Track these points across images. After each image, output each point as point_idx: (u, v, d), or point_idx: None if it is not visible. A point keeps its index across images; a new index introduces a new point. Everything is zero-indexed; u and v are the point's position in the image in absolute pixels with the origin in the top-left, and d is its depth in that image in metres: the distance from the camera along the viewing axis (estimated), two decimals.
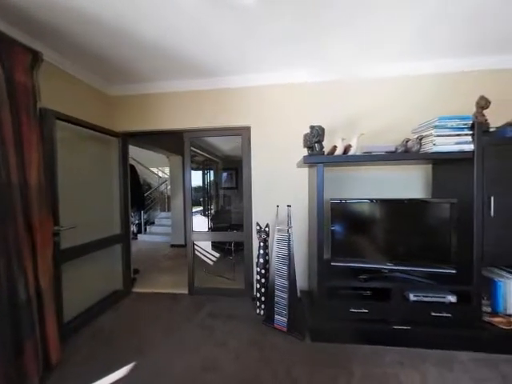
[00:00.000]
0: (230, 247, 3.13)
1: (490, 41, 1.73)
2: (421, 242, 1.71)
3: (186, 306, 2.20)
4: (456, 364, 1.44)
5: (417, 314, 1.62)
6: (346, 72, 2.09)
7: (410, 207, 1.75)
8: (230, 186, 5.13)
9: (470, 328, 1.56)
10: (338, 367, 1.43)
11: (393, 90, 2.08)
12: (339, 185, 2.12)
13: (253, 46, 1.75)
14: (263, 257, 2.03)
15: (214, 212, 4.93)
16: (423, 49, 1.83)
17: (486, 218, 1.54)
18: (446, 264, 1.63)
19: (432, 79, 2.02)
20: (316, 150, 1.73)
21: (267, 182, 2.25)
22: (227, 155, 4.99)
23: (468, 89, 1.92)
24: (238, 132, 2.34)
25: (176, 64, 1.98)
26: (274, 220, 2.15)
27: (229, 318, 1.98)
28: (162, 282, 2.75)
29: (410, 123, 1.88)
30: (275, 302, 1.86)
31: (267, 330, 1.81)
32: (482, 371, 1.38)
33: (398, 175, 2.07)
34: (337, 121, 2.11)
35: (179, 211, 4.36)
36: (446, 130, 1.58)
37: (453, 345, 1.55)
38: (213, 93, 2.28)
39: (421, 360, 1.47)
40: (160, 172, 6.76)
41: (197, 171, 4.83)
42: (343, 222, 1.79)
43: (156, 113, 2.36)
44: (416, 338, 1.58)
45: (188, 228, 2.46)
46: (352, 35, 1.64)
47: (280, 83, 2.20)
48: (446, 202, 1.65)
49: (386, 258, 1.73)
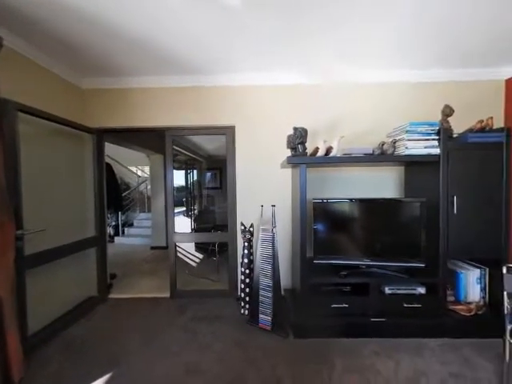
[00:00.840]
0: (214, 248, 3.09)
1: (453, 56, 1.92)
2: (395, 238, 1.83)
3: (168, 310, 2.12)
4: (425, 350, 1.56)
5: (391, 306, 1.74)
6: (328, 76, 2.18)
7: (385, 206, 1.86)
8: (213, 186, 5.06)
9: (436, 316, 1.70)
10: (321, 362, 1.48)
11: (371, 96, 2.20)
12: (321, 185, 2.20)
13: (238, 45, 1.74)
14: (247, 257, 2.03)
15: (197, 212, 4.82)
16: (397, 59, 1.97)
17: (450, 216, 1.69)
18: (416, 258, 1.76)
19: (405, 87, 2.18)
20: (299, 151, 1.78)
21: (252, 182, 2.26)
22: (211, 155, 4.91)
23: (436, 97, 2.10)
24: (222, 131, 2.32)
25: (158, 59, 1.91)
26: (259, 220, 2.16)
27: (213, 319, 1.95)
28: (141, 287, 2.62)
29: (386, 127, 2.01)
30: (259, 302, 1.87)
31: (252, 329, 1.81)
32: (447, 355, 1.52)
33: (375, 176, 2.20)
34: (319, 123, 2.18)
35: (160, 212, 4.20)
36: (416, 134, 1.72)
37: (423, 333, 1.69)
38: (197, 90, 2.24)
39: (395, 349, 1.58)
40: (139, 171, 6.46)
41: (179, 171, 4.69)
42: (325, 221, 1.85)
43: (135, 109, 2.25)
44: (391, 328, 1.69)
45: (170, 229, 2.38)
46: (334, 42, 1.72)
47: (265, 84, 2.22)
48: (416, 202, 1.79)
49: (364, 255, 1.83)
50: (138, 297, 2.38)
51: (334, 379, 1.35)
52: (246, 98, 2.24)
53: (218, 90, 2.24)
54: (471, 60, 1.99)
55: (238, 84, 2.23)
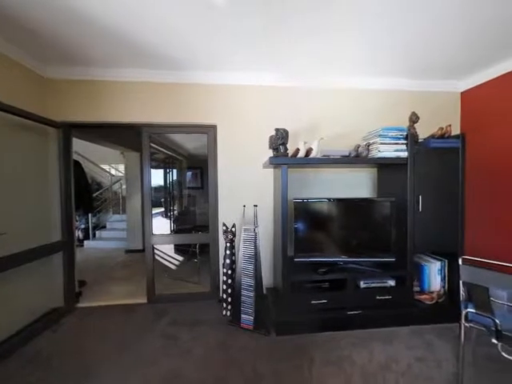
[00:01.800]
0: (195, 249, 3.01)
1: (419, 68, 2.11)
2: (369, 235, 1.95)
3: (145, 317, 2.02)
4: (395, 338, 1.69)
5: (366, 299, 1.85)
6: (309, 80, 2.25)
7: (360, 205, 1.98)
8: (194, 186, 4.92)
9: (405, 306, 1.85)
10: (301, 357, 1.52)
11: (347, 101, 2.32)
12: (301, 185, 2.26)
13: (220, 44, 1.72)
14: (230, 257, 2.01)
15: (177, 213, 4.65)
16: (370, 68, 2.10)
17: (416, 214, 1.85)
18: (387, 253, 1.90)
19: (377, 94, 2.34)
20: (281, 152, 1.81)
21: (234, 182, 2.24)
22: (192, 154, 4.78)
23: (404, 105, 2.29)
24: (203, 130, 2.27)
25: (135, 52, 1.80)
26: (241, 220, 2.16)
27: (194, 323, 1.90)
28: (115, 293, 2.46)
29: (361, 131, 2.14)
30: (241, 302, 1.87)
31: (234, 330, 1.80)
32: (413, 341, 1.66)
33: (351, 177, 2.32)
34: (299, 124, 2.24)
35: (136, 213, 3.98)
36: (387, 138, 1.85)
37: (393, 322, 1.82)
38: (177, 87, 2.16)
39: (369, 339, 1.68)
40: (113, 170, 6.04)
41: (157, 169, 4.48)
42: (305, 221, 1.91)
43: (108, 103, 2.10)
44: (365, 320, 1.80)
45: (147, 231, 2.27)
46: (312, 47, 1.78)
47: (247, 84, 2.22)
48: (386, 201, 1.93)
49: (341, 252, 1.93)
50: (111, 304, 2.22)
51: (314, 372, 1.40)
52: (228, 97, 2.22)
53: (200, 88, 2.19)
54: (434, 73, 2.21)
55: (219, 83, 2.19)
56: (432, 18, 1.49)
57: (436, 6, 1.39)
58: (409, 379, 1.35)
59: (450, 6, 1.38)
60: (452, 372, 1.38)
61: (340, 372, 1.40)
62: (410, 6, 1.39)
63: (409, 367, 1.43)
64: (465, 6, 1.38)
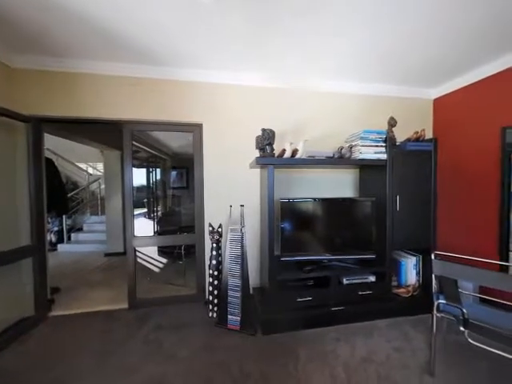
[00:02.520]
0: (180, 251, 2.93)
1: (397, 75, 2.23)
2: (351, 233, 2.03)
3: (127, 323, 1.93)
4: (375, 331, 1.78)
5: (348, 295, 1.92)
6: (295, 82, 2.29)
7: (343, 205, 2.05)
8: (179, 186, 4.79)
9: (384, 300, 1.95)
10: (287, 354, 1.55)
11: (332, 103, 2.40)
12: (287, 185, 2.29)
13: (206, 41, 1.69)
14: (216, 258, 1.99)
15: (161, 214, 4.50)
16: (353, 73, 2.19)
17: (394, 213, 1.96)
18: (368, 251, 1.99)
19: (360, 98, 2.44)
20: (267, 152, 1.82)
21: (220, 182, 2.22)
22: (177, 152, 4.64)
23: (384, 109, 2.42)
24: (189, 129, 2.22)
25: (115, 44, 1.71)
26: (227, 220, 2.14)
27: (179, 326, 1.85)
28: (92, 300, 2.32)
29: (344, 133, 2.22)
30: (228, 303, 1.85)
31: (220, 332, 1.78)
32: (392, 333, 1.76)
33: (335, 177, 2.40)
34: (285, 125, 2.27)
35: (117, 214, 3.78)
36: (368, 141, 1.94)
37: (374, 316, 1.92)
38: (161, 83, 2.09)
39: (352, 333, 1.75)
40: (91, 169, 5.70)
41: (140, 169, 4.30)
42: (291, 220, 1.94)
43: (85, 97, 1.98)
44: (348, 315, 1.87)
45: (128, 233, 2.17)
46: (298, 51, 1.81)
47: (234, 84, 2.21)
48: (368, 201, 2.02)
49: (326, 250, 1.98)
50: (89, 311, 2.10)
51: (299, 369, 1.43)
52: (214, 95, 2.19)
53: (185, 86, 2.13)
54: (409, 81, 2.35)
55: (206, 81, 2.16)
56: (409, 30, 1.59)
57: (411, 20, 1.49)
58: (387, 369, 1.42)
59: (425, 20, 1.49)
60: (425, 360, 1.48)
61: (324, 367, 1.45)
62: (391, 17, 1.47)
63: (387, 358, 1.51)
64: (437, 21, 1.49)
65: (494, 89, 2.05)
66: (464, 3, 1.37)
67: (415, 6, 1.39)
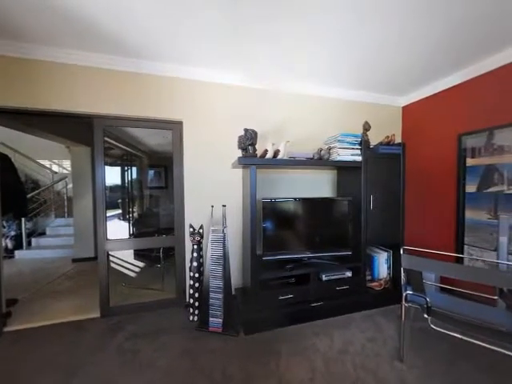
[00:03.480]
0: (159, 254, 2.81)
1: (370, 83, 2.38)
2: (330, 231, 2.12)
3: (98, 333, 1.79)
4: (351, 323, 1.88)
5: (327, 290, 2.01)
6: (274, 84, 2.32)
7: (322, 204, 2.14)
8: (158, 186, 4.57)
9: (359, 294, 2.07)
10: (269, 352, 1.57)
11: (311, 106, 2.48)
12: (269, 185, 2.32)
13: (186, 37, 1.64)
14: (197, 260, 1.94)
15: (137, 215, 4.25)
16: (330, 78, 2.28)
17: (368, 212, 2.09)
18: (345, 248, 2.10)
19: (337, 102, 2.56)
20: (249, 152, 1.82)
21: (201, 182, 2.17)
22: (155, 150, 4.42)
23: (359, 114, 2.57)
24: (168, 126, 2.13)
25: (83, 31, 1.58)
26: (209, 221, 2.10)
27: (156, 333, 1.77)
28: (58, 310, 2.11)
29: (323, 135, 2.31)
30: (210, 305, 1.82)
31: (201, 335, 1.74)
32: (365, 324, 1.88)
33: (314, 178, 2.49)
34: (267, 126, 2.30)
35: (86, 216, 3.50)
36: (345, 143, 2.04)
37: (350, 309, 2.02)
38: (138, 77, 1.97)
39: (330, 327, 1.83)
40: (55, 166, 5.18)
41: (113, 167, 4.02)
42: (273, 220, 1.97)
43: (47, 87, 1.79)
44: (327, 310, 1.95)
45: (100, 236, 2.02)
46: (282, 53, 1.84)
47: (217, 82, 2.17)
48: (345, 200, 2.13)
49: (306, 248, 2.05)
50: (54, 323, 1.91)
51: (281, 366, 1.45)
52: (195, 93, 2.13)
53: (165, 81, 2.04)
54: (381, 88, 2.53)
55: (187, 77, 2.09)
56: (379, 41, 1.71)
57: (379, 32, 1.60)
58: (362, 358, 1.51)
59: (392, 34, 1.61)
60: (395, 347, 1.61)
61: (305, 361, 1.49)
62: (359, 29, 1.57)
63: (362, 348, 1.61)
64: (402, 35, 1.63)
65: (453, 99, 2.29)
66: (424, 21, 1.51)
67: (382, 20, 1.50)
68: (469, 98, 2.15)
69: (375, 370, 1.42)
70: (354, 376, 1.38)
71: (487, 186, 2.00)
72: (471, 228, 2.12)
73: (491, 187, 1.98)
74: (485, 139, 2.02)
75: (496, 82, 1.95)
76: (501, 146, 1.92)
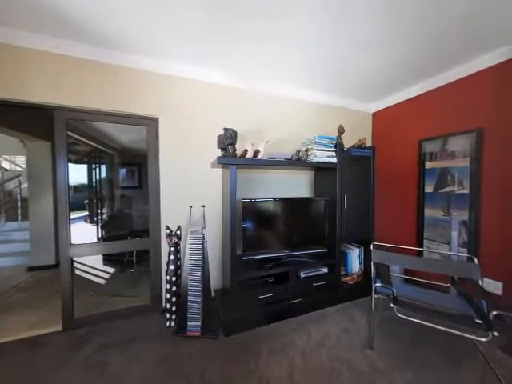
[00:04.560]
0: (132, 258, 2.64)
1: (344, 89, 2.52)
2: (307, 230, 2.20)
3: (61, 347, 1.62)
4: (327, 317, 1.98)
5: (305, 287, 2.08)
6: (255, 84, 2.33)
7: (301, 204, 2.20)
8: (131, 185, 4.29)
9: (334, 289, 2.18)
10: (249, 352, 1.57)
11: (290, 109, 2.54)
12: (249, 185, 2.33)
13: (163, 30, 1.56)
14: (174, 262, 1.86)
15: (107, 217, 3.94)
16: (308, 82, 2.37)
17: (342, 211, 2.22)
18: (321, 245, 2.19)
19: (315, 105, 2.66)
20: (229, 152, 1.81)
21: (179, 182, 2.09)
22: (127, 148, 4.13)
23: (334, 117, 2.70)
24: (142, 122, 2.01)
25: (49, 16, 1.41)
26: (187, 222, 2.03)
27: (130, 342, 1.66)
28: (10, 326, 1.86)
29: (302, 136, 2.38)
30: (188, 309, 1.76)
31: (179, 340, 1.68)
32: (340, 317, 1.98)
33: (293, 178, 2.56)
34: (247, 126, 2.30)
35: (46, 219, 3.14)
36: (322, 146, 2.14)
37: (326, 304, 2.12)
38: (110, 69, 1.83)
39: (308, 322, 1.90)
40: (6, 163, 4.56)
41: (79, 165, 3.67)
42: (252, 219, 1.98)
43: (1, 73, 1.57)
44: (305, 306, 2.02)
45: (63, 241, 1.83)
46: (261, 55, 1.86)
47: (196, 79, 2.11)
48: (321, 200, 2.23)
49: (285, 247, 2.09)
50: (4, 342, 1.67)
51: (261, 365, 1.46)
52: (173, 89, 2.04)
53: (140, 75, 1.92)
54: (354, 95, 2.70)
55: (164, 72, 1.99)
56: (352, 52, 1.82)
57: (352, 44, 1.70)
58: (337, 350, 1.60)
59: (361, 47, 1.73)
60: (366, 336, 1.72)
61: (284, 358, 1.52)
62: (338, 39, 1.65)
63: (337, 340, 1.70)
64: (369, 48, 1.76)
65: (414, 108, 2.54)
66: (391, 37, 1.65)
67: (354, 33, 1.60)
68: (427, 108, 2.40)
69: (349, 359, 1.51)
70: (330, 367, 1.45)
71: (442, 186, 2.26)
72: (429, 224, 2.37)
73: (445, 188, 2.23)
74: (440, 145, 2.28)
75: (449, 95, 2.21)
76: (453, 152, 2.18)
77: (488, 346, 1.44)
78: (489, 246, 1.95)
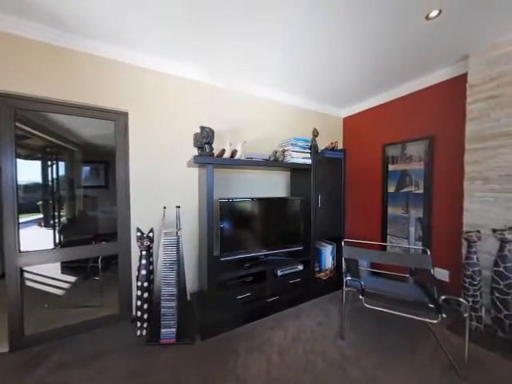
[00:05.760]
0: (96, 264, 2.40)
1: (318, 94, 2.65)
2: (284, 229, 2.26)
3: (7, 372, 1.40)
4: (303, 312, 2.05)
5: (282, 285, 2.13)
6: (232, 83, 2.31)
7: (277, 203, 2.25)
8: (95, 185, 3.90)
9: (309, 285, 2.28)
10: (226, 354, 1.55)
11: (268, 110, 2.58)
12: (226, 185, 2.30)
13: (133, 18, 1.46)
14: (146, 267, 1.75)
15: (66, 220, 3.52)
16: (285, 85, 2.43)
17: (317, 210, 2.32)
18: (297, 243, 2.27)
19: (292, 108, 2.75)
20: (206, 151, 1.77)
21: (152, 181, 1.97)
22: (91, 143, 3.75)
23: (310, 121, 2.82)
24: (109, 116, 1.85)
25: None
26: (161, 223, 1.93)
27: (94, 357, 1.51)
28: None
29: (278, 137, 2.44)
30: (162, 315, 1.67)
31: (152, 350, 1.58)
32: (315, 311, 2.07)
33: (270, 178, 2.60)
34: (225, 126, 2.27)
35: None
36: (297, 147, 2.21)
37: (302, 300, 2.20)
38: (69, 54, 1.64)
39: (285, 319, 1.95)
40: None
41: (31, 161, 3.22)
42: (230, 219, 1.96)
43: None
44: (282, 303, 2.07)
45: (10, 248, 1.59)
46: (236, 53, 1.85)
47: (171, 74, 2.02)
48: (297, 199, 2.31)
49: (262, 246, 2.12)
50: None
51: (238, 365, 1.46)
52: (145, 83, 1.92)
53: (108, 65, 1.77)
54: (327, 101, 2.85)
55: (136, 64, 1.87)
56: (323, 63, 1.92)
57: (326, 55, 1.80)
58: (312, 343, 1.67)
59: (332, 59, 1.84)
60: (338, 327, 1.83)
61: (262, 355, 1.54)
62: (307, 49, 1.73)
63: (312, 333, 1.77)
64: (341, 60, 1.88)
65: (379, 116, 2.78)
66: (358, 51, 1.78)
67: (328, 46, 1.70)
68: (390, 116, 2.65)
69: (323, 351, 1.59)
70: (305, 360, 1.50)
71: (402, 187, 2.52)
72: (392, 221, 2.62)
73: (404, 188, 2.49)
74: (400, 149, 2.53)
75: (407, 105, 2.47)
76: (410, 156, 2.44)
77: (438, 326, 1.65)
78: (438, 240, 2.23)
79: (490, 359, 1.48)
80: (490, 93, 1.74)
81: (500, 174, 1.70)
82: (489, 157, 1.75)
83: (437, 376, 1.36)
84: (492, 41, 1.70)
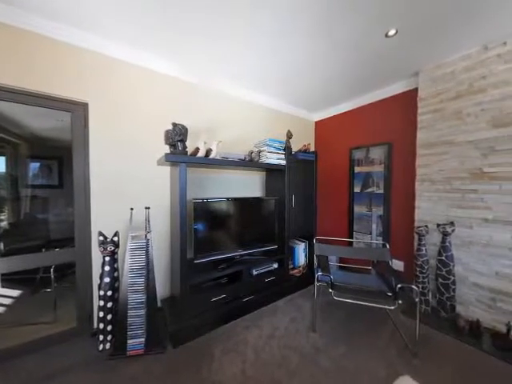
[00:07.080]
0: (49, 274, 2.11)
1: (292, 98, 2.74)
2: (259, 229, 2.28)
3: None
4: (278, 309, 2.10)
5: (257, 284, 2.15)
6: (210, 81, 2.26)
7: (253, 203, 2.27)
8: (47, 184, 3.43)
9: (283, 282, 2.34)
10: (201, 358, 1.51)
11: (243, 110, 2.58)
12: (200, 185, 2.24)
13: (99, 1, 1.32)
14: (110, 274, 1.60)
15: (8, 225, 3.03)
16: (261, 87, 2.46)
17: (290, 209, 2.40)
18: (272, 242, 2.32)
19: (266, 109, 2.79)
20: (179, 149, 1.69)
21: (116, 180, 1.81)
22: (40, 136, 3.29)
23: (284, 123, 2.90)
24: (65, 106, 1.64)
25: None
26: (127, 226, 1.79)
27: (44, 380, 1.33)
28: None
29: (254, 138, 2.45)
30: (128, 325, 1.55)
31: (117, 364, 1.46)
32: (288, 308, 2.14)
33: (245, 178, 2.61)
34: (199, 124, 2.20)
35: None
36: (272, 148, 2.26)
37: (276, 297, 2.25)
38: (13, 31, 1.41)
39: (260, 317, 1.97)
40: None
41: None
42: (204, 220, 1.91)
43: None
44: (257, 302, 2.09)
45: None
46: (211, 50, 1.81)
47: (140, 65, 1.88)
48: (272, 199, 2.36)
49: (238, 246, 2.11)
50: None
51: (213, 368, 1.43)
52: (111, 73, 1.75)
53: (64, 49, 1.57)
54: (300, 104, 2.97)
55: (99, 51, 1.69)
56: (296, 67, 2.00)
57: (300, 60, 1.88)
58: (286, 338, 1.72)
59: (304, 65, 1.93)
60: (310, 321, 1.93)
61: (237, 356, 1.53)
62: (284, 52, 1.78)
63: (286, 329, 1.83)
64: (312, 66, 1.98)
65: (346, 121, 2.99)
66: (329, 59, 1.90)
67: (297, 52, 1.77)
68: (356, 121, 2.88)
69: (296, 345, 1.65)
70: (280, 356, 1.54)
71: (366, 187, 2.75)
72: (357, 219, 2.84)
73: (368, 188, 2.73)
74: (364, 153, 2.77)
75: (371, 112, 2.71)
76: (373, 159, 2.68)
77: (395, 312, 1.85)
78: (396, 235, 2.49)
79: (437, 336, 1.71)
80: (435, 106, 2.01)
81: (443, 177, 1.98)
82: (435, 161, 2.02)
83: (394, 357, 1.52)
84: (437, 61, 1.97)
